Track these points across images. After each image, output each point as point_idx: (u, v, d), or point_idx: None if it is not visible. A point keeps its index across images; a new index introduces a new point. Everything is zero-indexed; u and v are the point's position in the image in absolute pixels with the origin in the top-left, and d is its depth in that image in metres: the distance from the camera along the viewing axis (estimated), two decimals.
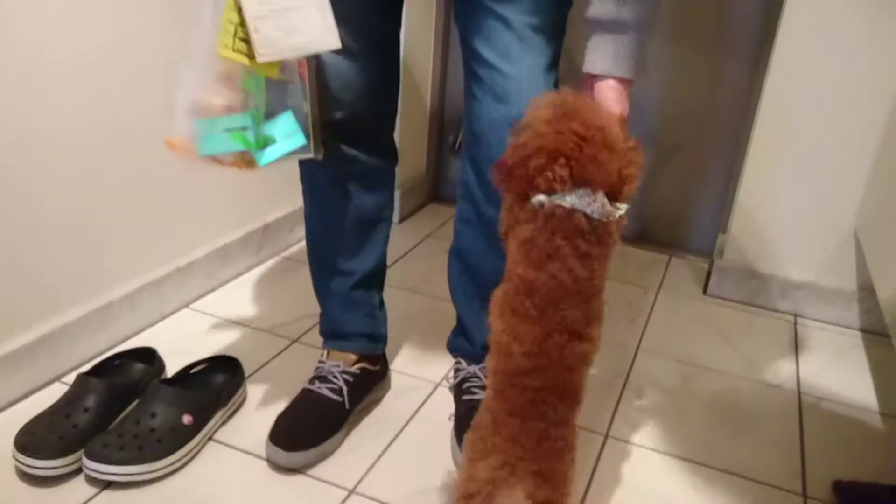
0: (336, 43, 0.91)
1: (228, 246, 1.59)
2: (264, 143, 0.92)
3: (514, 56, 0.96)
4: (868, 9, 1.45)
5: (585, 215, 0.78)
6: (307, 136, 0.95)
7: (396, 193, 1.98)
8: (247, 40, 0.85)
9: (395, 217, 2.03)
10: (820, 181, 1.60)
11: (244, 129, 0.90)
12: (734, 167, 1.84)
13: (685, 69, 1.84)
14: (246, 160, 0.92)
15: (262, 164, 0.92)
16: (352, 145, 1.08)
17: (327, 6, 0.90)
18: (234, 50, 0.85)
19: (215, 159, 0.91)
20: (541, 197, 0.78)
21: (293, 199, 1.78)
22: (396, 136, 1.94)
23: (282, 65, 0.90)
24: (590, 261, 0.80)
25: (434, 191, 2.24)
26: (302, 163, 1.13)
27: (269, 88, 0.91)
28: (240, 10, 0.84)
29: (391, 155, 1.16)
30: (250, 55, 0.85)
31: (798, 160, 1.60)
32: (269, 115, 0.92)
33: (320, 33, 0.89)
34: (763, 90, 1.59)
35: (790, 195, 1.63)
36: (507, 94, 0.97)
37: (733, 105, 1.83)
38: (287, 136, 0.93)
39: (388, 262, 1.25)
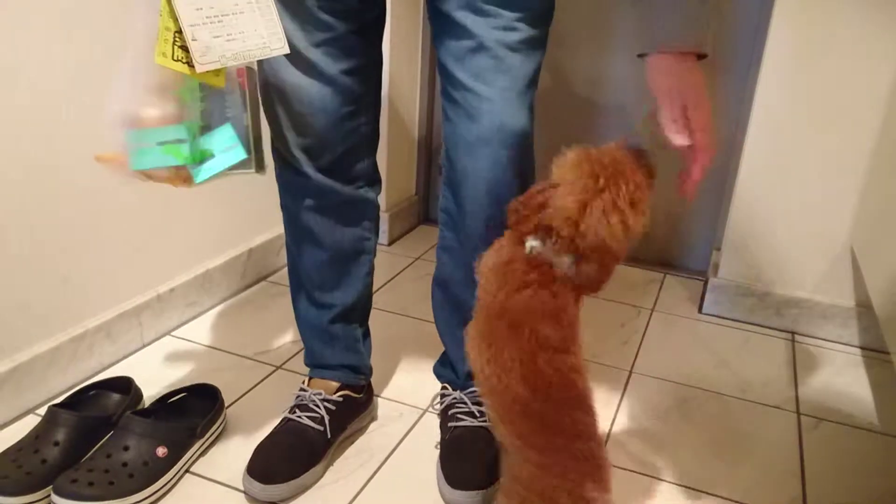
0: (283, 48, 0.86)
1: (211, 271, 1.56)
2: (201, 157, 0.86)
3: (488, 77, 0.93)
4: (858, 18, 1.43)
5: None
6: (248, 150, 0.89)
7: (385, 216, 1.96)
8: (186, 48, 0.79)
9: (385, 239, 2.00)
10: (813, 196, 1.57)
11: (179, 141, 0.83)
12: (727, 183, 1.81)
13: None
14: (182, 176, 0.86)
15: (199, 180, 0.86)
16: (327, 174, 1.05)
17: (272, 10, 0.85)
18: (173, 59, 0.79)
19: (148, 174, 0.85)
20: (534, 243, 0.81)
21: (280, 221, 1.75)
22: (384, 158, 1.91)
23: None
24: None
25: (424, 212, 2.21)
26: (280, 189, 1.09)
27: (207, 99, 0.85)
28: (175, 18, 0.79)
29: (371, 184, 1.11)
30: (191, 64, 0.80)
31: (791, 175, 1.58)
32: (207, 127, 0.86)
33: (264, 38, 0.84)
34: (753, 106, 1.57)
35: (784, 210, 1.61)
36: (479, 115, 0.94)
37: (723, 121, 1.81)
38: (226, 149, 0.87)
39: (377, 284, 1.22)
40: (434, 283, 1.14)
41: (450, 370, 1.18)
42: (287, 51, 0.87)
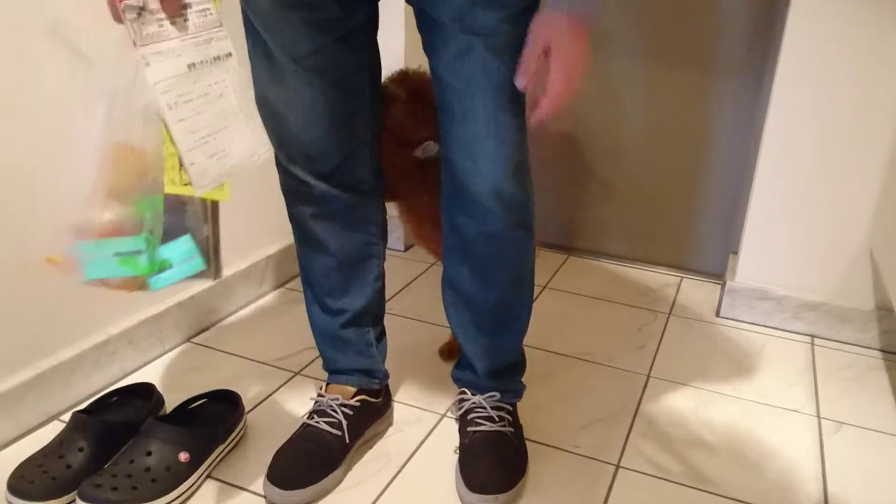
0: (268, 152, 0.88)
1: (230, 279, 1.58)
2: (159, 267, 0.83)
3: (480, 80, 0.94)
4: (875, 20, 1.43)
5: None
6: (206, 261, 0.87)
7: (401, 221, 1.97)
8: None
9: (400, 245, 2.01)
10: (831, 198, 1.57)
11: (136, 253, 0.81)
12: (743, 186, 1.81)
13: (685, 90, 1.82)
14: (137, 283, 0.83)
15: (154, 288, 0.83)
16: (327, 182, 1.05)
17: (252, 114, 0.85)
18: (181, 185, 0.81)
19: (101, 283, 0.82)
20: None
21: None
22: None
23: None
24: None
25: None
26: (285, 199, 1.10)
27: (167, 210, 0.83)
28: (174, 144, 0.78)
29: (373, 190, 1.11)
30: None
31: (808, 177, 1.57)
32: (167, 235, 0.84)
33: (250, 146, 0.85)
34: (768, 107, 1.56)
35: (801, 213, 1.60)
36: (475, 115, 0.95)
37: (738, 124, 1.80)
38: (184, 260, 0.85)
39: (393, 290, 1.23)
40: (443, 284, 1.15)
41: (469, 372, 1.19)
42: (271, 154, 0.89)
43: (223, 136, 0.82)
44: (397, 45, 1.85)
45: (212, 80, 0.82)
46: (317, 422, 1.13)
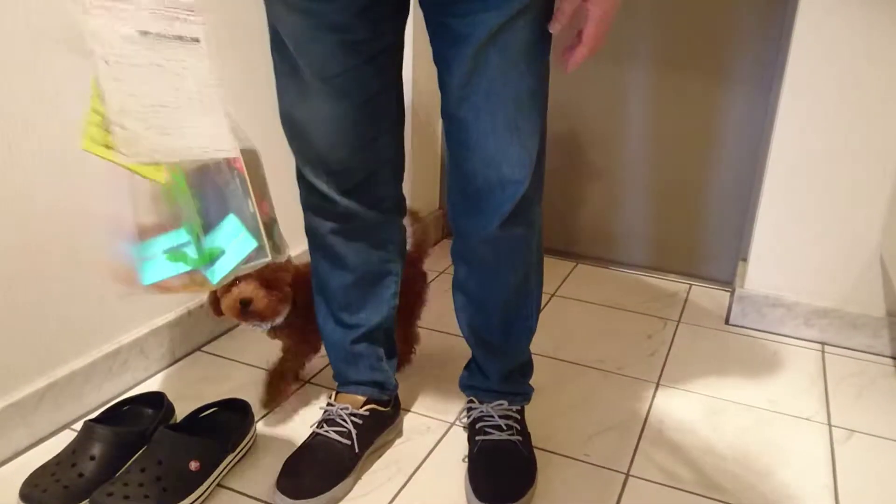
0: (229, 151, 0.78)
1: None
2: (210, 256, 0.78)
3: (499, 90, 0.93)
4: (883, 24, 1.43)
5: None
6: (257, 237, 0.80)
7: (409, 230, 1.98)
8: None
9: None
10: (841, 204, 1.56)
11: (183, 245, 0.77)
12: (752, 192, 1.81)
13: (694, 97, 1.82)
14: (197, 281, 0.79)
15: (215, 281, 0.79)
16: (351, 198, 1.05)
17: (218, 108, 0.78)
18: (101, 144, 0.72)
19: (162, 286, 0.79)
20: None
21: (304, 237, 1.77)
22: (408, 171, 1.93)
23: (215, 164, 0.77)
24: None
25: (447, 226, 2.23)
26: (306, 214, 1.11)
27: (203, 194, 0.78)
28: (102, 101, 0.70)
29: (395, 208, 1.12)
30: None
31: (817, 183, 1.57)
32: (209, 224, 0.79)
33: (205, 139, 0.76)
34: (777, 114, 1.56)
35: (811, 219, 1.59)
36: (495, 127, 0.94)
37: (746, 131, 1.80)
38: (234, 242, 0.80)
39: None
40: (453, 287, 1.16)
41: (478, 377, 1.19)
42: (231, 155, 0.78)
43: (173, 115, 0.75)
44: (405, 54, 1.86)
45: (170, 55, 0.76)
46: (326, 431, 1.13)
